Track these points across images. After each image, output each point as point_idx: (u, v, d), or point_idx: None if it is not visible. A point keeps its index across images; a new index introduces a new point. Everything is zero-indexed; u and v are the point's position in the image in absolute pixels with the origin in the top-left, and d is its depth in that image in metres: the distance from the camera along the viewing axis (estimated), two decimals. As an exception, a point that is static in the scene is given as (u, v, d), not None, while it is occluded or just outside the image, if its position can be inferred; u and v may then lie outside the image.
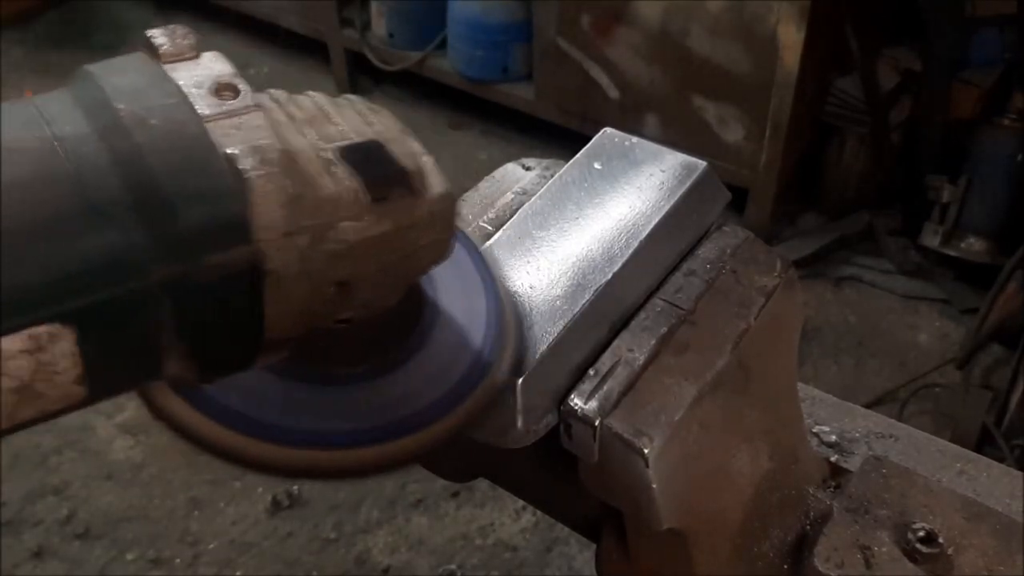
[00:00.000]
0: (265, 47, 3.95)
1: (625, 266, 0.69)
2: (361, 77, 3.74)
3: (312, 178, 0.45)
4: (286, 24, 3.74)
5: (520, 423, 0.61)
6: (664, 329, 0.67)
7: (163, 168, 0.41)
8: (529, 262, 0.70)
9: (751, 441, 0.71)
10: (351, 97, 0.53)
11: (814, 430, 0.87)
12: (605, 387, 0.63)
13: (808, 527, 0.74)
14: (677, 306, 0.69)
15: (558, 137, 3.22)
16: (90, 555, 2.23)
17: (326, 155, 0.47)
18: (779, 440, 0.74)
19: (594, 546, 0.76)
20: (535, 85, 3.25)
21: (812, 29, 2.62)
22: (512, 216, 0.74)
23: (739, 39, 2.73)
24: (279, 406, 0.54)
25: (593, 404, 0.62)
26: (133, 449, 2.43)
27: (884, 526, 0.69)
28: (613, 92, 3.05)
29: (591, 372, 0.64)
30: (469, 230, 0.74)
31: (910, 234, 2.94)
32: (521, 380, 0.61)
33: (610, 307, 0.68)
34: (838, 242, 3.01)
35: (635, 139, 0.80)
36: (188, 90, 0.44)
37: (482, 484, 2.20)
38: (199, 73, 0.45)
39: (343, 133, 0.49)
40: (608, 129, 0.82)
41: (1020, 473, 0.84)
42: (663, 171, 0.76)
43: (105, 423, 2.47)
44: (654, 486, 0.61)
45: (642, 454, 0.60)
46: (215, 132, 0.42)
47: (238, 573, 2.20)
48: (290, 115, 0.48)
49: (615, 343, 0.66)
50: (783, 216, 3.09)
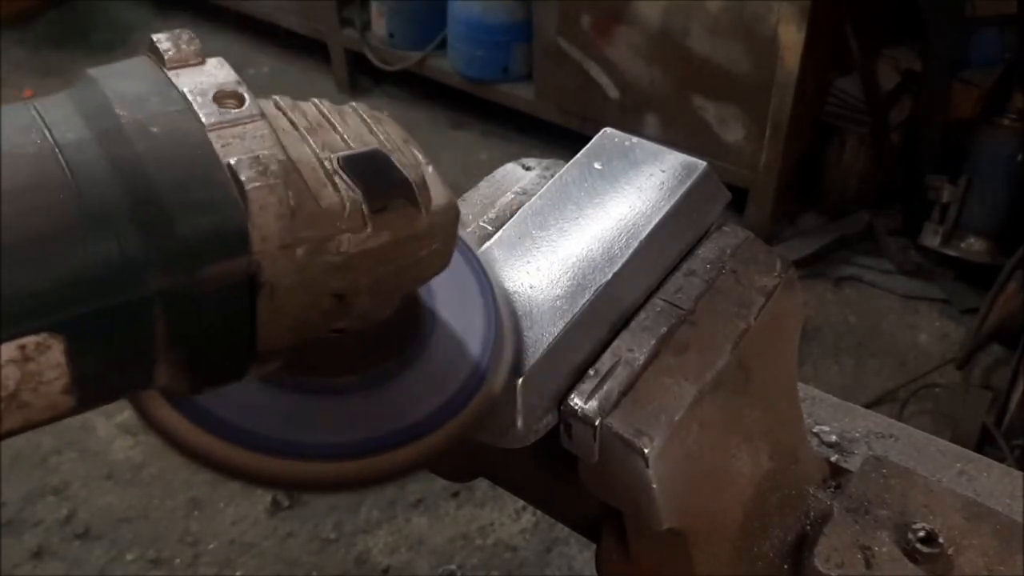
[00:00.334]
0: (265, 47, 3.95)
1: (625, 266, 0.69)
2: (361, 77, 3.74)
3: (313, 189, 0.45)
4: (286, 24, 3.74)
5: (520, 423, 0.61)
6: (664, 329, 0.67)
7: (163, 177, 0.40)
8: (529, 262, 0.70)
9: (751, 441, 0.71)
10: (355, 104, 0.52)
11: (814, 430, 0.87)
12: (605, 387, 0.63)
13: (808, 527, 0.74)
14: (677, 306, 0.69)
15: (558, 137, 3.22)
16: (90, 555, 2.23)
17: (328, 164, 0.46)
18: (779, 440, 0.74)
19: (594, 546, 0.76)
20: (535, 85, 3.25)
21: (812, 29, 2.62)
22: (512, 216, 0.74)
23: (739, 39, 2.73)
24: (273, 417, 0.53)
25: (593, 404, 0.62)
26: (133, 449, 2.43)
27: (884, 526, 0.69)
28: (613, 92, 3.05)
29: (591, 372, 0.64)
30: (469, 230, 0.74)
31: (910, 234, 2.94)
32: (521, 380, 0.61)
33: (610, 307, 0.68)
34: (838, 242, 3.01)
35: (635, 139, 0.80)
36: (191, 97, 0.43)
37: (482, 484, 2.20)
38: (203, 80, 0.44)
39: (346, 142, 0.48)
40: (608, 129, 0.82)
41: (1020, 473, 0.84)
42: (663, 171, 0.76)
43: (105, 423, 2.47)
44: (654, 486, 0.61)
45: (642, 454, 0.60)
46: (217, 141, 0.42)
47: (238, 573, 2.20)
48: (293, 122, 0.48)
49: (615, 343, 0.66)
50: (783, 216, 3.09)
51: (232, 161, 0.42)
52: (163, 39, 0.46)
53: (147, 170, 0.40)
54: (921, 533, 0.67)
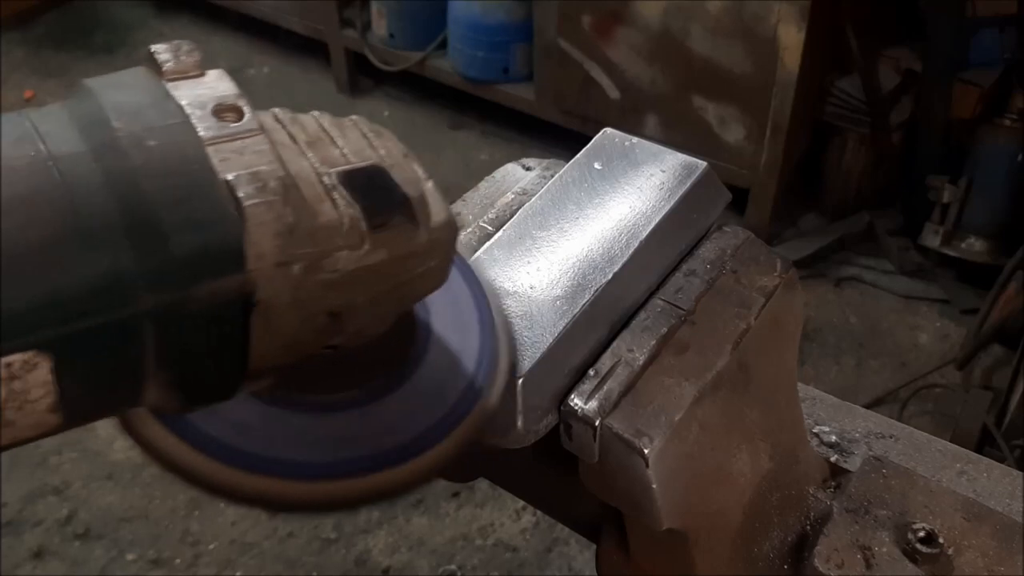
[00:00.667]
0: (265, 47, 3.95)
1: (625, 266, 0.69)
2: (361, 77, 3.74)
3: (311, 205, 0.44)
4: (286, 24, 3.74)
5: (520, 423, 0.61)
6: (664, 329, 0.67)
7: (158, 193, 0.39)
8: (529, 262, 0.70)
9: (751, 441, 0.71)
10: (355, 118, 0.51)
11: (814, 430, 0.87)
12: (605, 387, 0.63)
13: (808, 527, 0.74)
14: (677, 306, 0.69)
15: (558, 137, 3.22)
16: (90, 555, 2.23)
17: (327, 180, 0.45)
18: (779, 440, 0.74)
19: (594, 546, 0.76)
20: (535, 85, 3.25)
21: (812, 29, 2.62)
22: (512, 216, 0.74)
23: (739, 39, 2.73)
24: (264, 435, 0.52)
25: (593, 404, 0.62)
26: (133, 449, 2.41)
27: (884, 526, 0.69)
28: (613, 92, 3.06)
29: (591, 372, 0.64)
30: (469, 231, 0.74)
31: (911, 234, 2.94)
32: (521, 380, 0.61)
33: (610, 307, 0.68)
34: (838, 242, 3.01)
35: (635, 139, 0.80)
36: (190, 110, 0.42)
37: (482, 484, 2.20)
38: (202, 92, 0.43)
39: (345, 157, 0.47)
40: (608, 129, 0.82)
41: (1020, 473, 0.84)
42: (663, 171, 0.76)
43: (105, 423, 2.46)
44: (654, 486, 0.61)
45: (642, 454, 0.60)
46: (215, 156, 0.41)
47: (238, 573, 2.21)
48: (292, 136, 0.47)
49: (615, 343, 0.66)
50: (783, 216, 3.09)
51: (230, 177, 0.41)
52: (162, 50, 0.45)
53: (142, 185, 0.39)
54: (921, 533, 0.67)
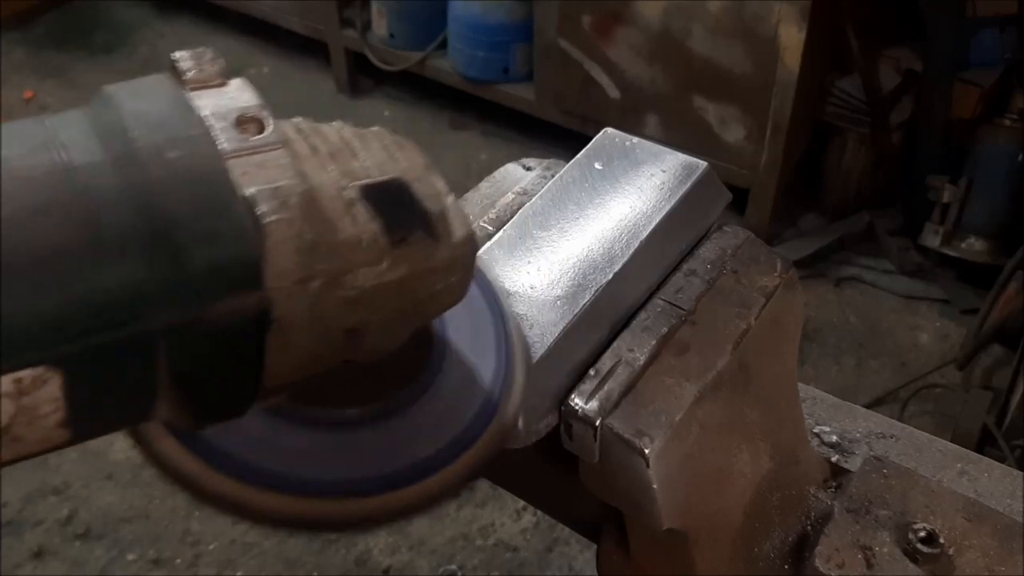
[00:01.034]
0: (265, 47, 3.95)
1: (626, 266, 0.69)
2: (362, 77, 3.74)
3: (331, 220, 0.42)
4: (286, 24, 3.74)
5: (521, 423, 0.61)
6: (665, 329, 0.67)
7: (177, 207, 0.38)
8: (530, 262, 0.70)
9: (752, 441, 0.71)
10: (377, 129, 0.50)
11: (815, 430, 0.87)
12: (606, 387, 0.63)
13: (809, 527, 0.74)
14: (678, 306, 0.69)
15: (559, 137, 3.21)
16: (91, 555, 2.23)
17: (348, 194, 0.44)
18: (780, 440, 0.74)
19: (595, 546, 0.76)
20: (536, 85, 3.24)
21: (813, 29, 2.61)
22: (513, 216, 0.74)
23: (740, 39, 2.73)
24: (279, 451, 0.51)
25: (594, 404, 0.62)
26: (134, 449, 2.41)
27: (885, 526, 0.69)
28: (614, 92, 3.05)
29: (592, 372, 0.64)
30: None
31: (911, 234, 2.94)
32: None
33: (611, 307, 0.68)
34: (839, 242, 3.01)
35: (636, 139, 0.80)
36: (211, 121, 0.41)
37: (482, 484, 2.20)
38: (224, 103, 0.42)
39: (366, 170, 0.46)
40: (609, 129, 0.82)
41: (1021, 473, 0.84)
42: (664, 171, 0.76)
43: (106, 423, 2.47)
44: (655, 486, 0.61)
45: (643, 454, 0.60)
46: (235, 170, 0.40)
47: (239, 573, 2.21)
48: (313, 147, 0.45)
49: (616, 343, 0.66)
50: (784, 216, 3.09)
51: (250, 192, 0.39)
52: (184, 57, 0.44)
53: (161, 199, 0.38)
54: (922, 533, 0.67)
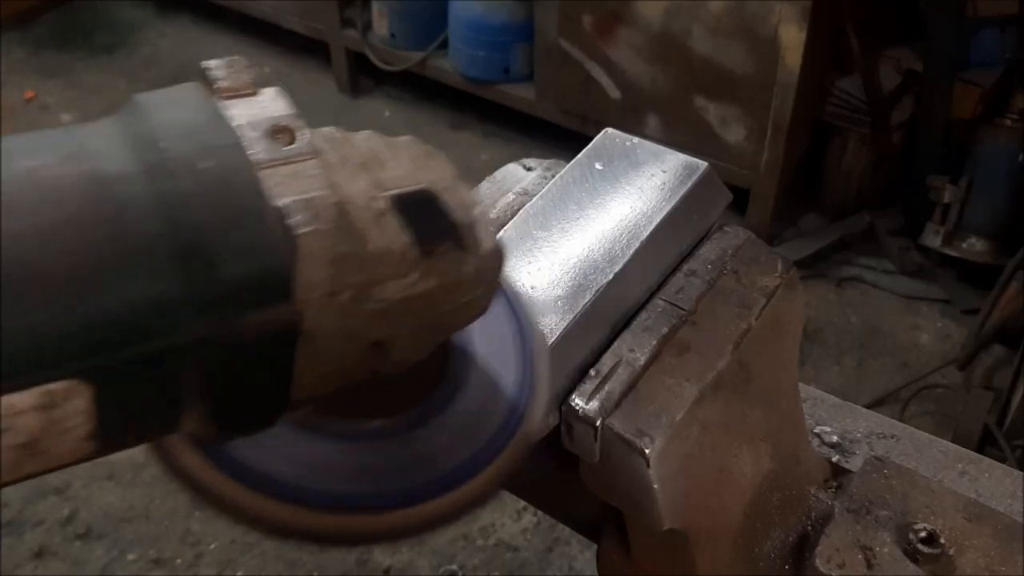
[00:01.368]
0: (266, 47, 3.95)
1: (626, 266, 0.69)
2: (362, 77, 3.74)
3: (361, 231, 0.42)
4: (287, 24, 3.74)
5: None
6: (665, 329, 0.67)
7: (209, 218, 0.37)
8: (530, 262, 0.70)
9: (752, 441, 0.71)
10: (407, 138, 0.50)
11: (815, 430, 0.87)
12: (606, 387, 0.63)
13: (809, 527, 0.74)
14: (678, 306, 0.69)
15: (559, 137, 3.21)
16: (91, 555, 2.23)
17: (378, 204, 0.43)
18: (780, 440, 0.74)
19: (595, 547, 0.76)
20: (536, 85, 3.25)
21: (813, 29, 2.62)
22: (513, 216, 0.74)
23: (740, 39, 2.73)
24: (303, 464, 0.50)
25: (594, 404, 0.62)
26: (134, 449, 2.43)
27: (885, 526, 0.69)
28: (614, 92, 3.05)
29: (592, 372, 0.64)
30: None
31: (911, 234, 2.94)
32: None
33: (611, 307, 0.68)
34: (839, 243, 3.01)
35: (636, 139, 0.80)
36: (243, 131, 0.40)
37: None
38: (256, 112, 0.41)
39: (396, 180, 0.45)
40: (609, 129, 0.82)
41: (1021, 474, 0.84)
42: (664, 171, 0.76)
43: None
44: (655, 486, 0.61)
45: (643, 454, 0.60)
46: (268, 180, 0.39)
47: (239, 573, 2.21)
48: (343, 157, 0.45)
49: (616, 343, 0.66)
50: (784, 216, 3.09)
51: (283, 203, 0.39)
52: (215, 66, 0.43)
53: (192, 210, 0.37)
54: (922, 533, 0.67)
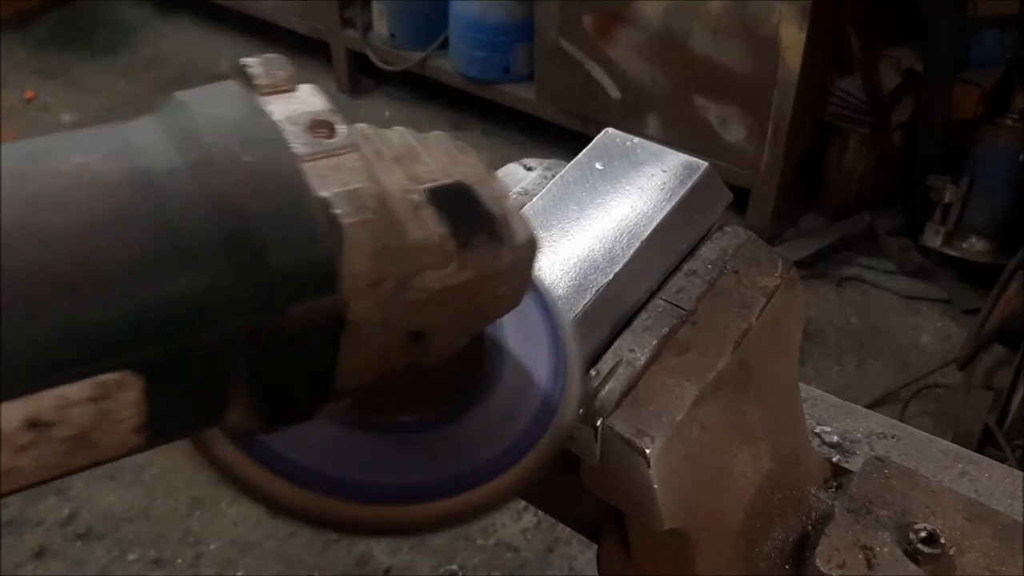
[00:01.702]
0: (266, 48, 3.95)
1: (626, 266, 0.69)
2: (362, 77, 3.75)
3: (401, 222, 0.43)
4: (287, 24, 3.74)
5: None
6: (665, 329, 0.67)
7: (255, 211, 0.38)
8: (530, 262, 0.69)
9: (752, 441, 0.71)
10: (438, 133, 0.50)
11: (816, 430, 0.87)
12: (606, 387, 0.63)
13: (810, 527, 0.74)
14: (678, 306, 0.69)
15: (559, 137, 3.22)
16: (92, 555, 2.23)
17: (414, 197, 0.44)
18: (781, 440, 0.74)
19: (595, 547, 0.76)
20: (536, 85, 3.25)
21: (814, 29, 2.61)
22: (513, 216, 0.74)
23: (741, 39, 2.73)
24: (339, 457, 0.51)
25: (594, 404, 0.62)
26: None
27: (886, 526, 0.69)
28: (614, 92, 3.06)
29: (592, 372, 0.64)
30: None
31: (912, 234, 2.94)
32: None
33: (611, 307, 0.68)
34: (839, 242, 3.01)
35: (636, 139, 0.80)
36: (284, 126, 0.41)
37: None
38: (295, 107, 0.42)
39: (431, 173, 0.46)
40: (609, 129, 0.82)
41: (1022, 474, 0.84)
42: (664, 171, 0.76)
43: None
44: (655, 486, 0.61)
45: (644, 454, 0.60)
46: (310, 173, 0.40)
47: (240, 573, 2.21)
48: (378, 152, 0.45)
49: (616, 343, 0.66)
50: (784, 216, 3.09)
51: (328, 195, 0.40)
52: (254, 64, 0.44)
53: (239, 202, 0.38)
54: (923, 533, 0.67)
